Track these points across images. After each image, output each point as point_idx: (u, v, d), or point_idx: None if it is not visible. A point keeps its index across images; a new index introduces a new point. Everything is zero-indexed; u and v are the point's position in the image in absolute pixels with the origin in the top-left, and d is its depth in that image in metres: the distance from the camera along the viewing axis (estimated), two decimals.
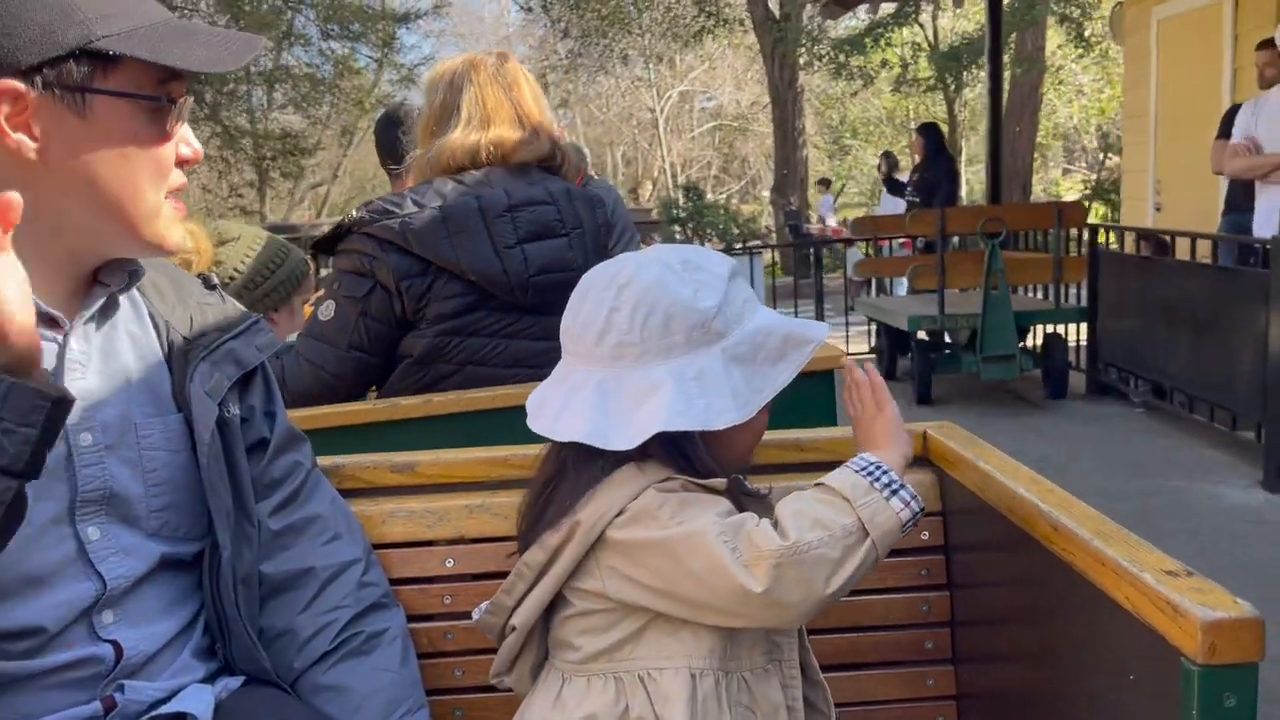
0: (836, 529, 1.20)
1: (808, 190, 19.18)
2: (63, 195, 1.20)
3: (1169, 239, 6.77)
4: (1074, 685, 1.26)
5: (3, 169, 1.16)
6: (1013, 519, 1.34)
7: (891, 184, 12.58)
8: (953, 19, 21.17)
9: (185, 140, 1.28)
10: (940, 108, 21.73)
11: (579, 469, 1.28)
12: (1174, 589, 1.04)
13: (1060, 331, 7.52)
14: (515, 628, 1.31)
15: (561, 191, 2.23)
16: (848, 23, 19.30)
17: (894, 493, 1.23)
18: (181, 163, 1.28)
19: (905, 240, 9.74)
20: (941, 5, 17.84)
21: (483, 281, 2.12)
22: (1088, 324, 7.31)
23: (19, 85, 1.14)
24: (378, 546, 1.53)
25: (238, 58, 1.26)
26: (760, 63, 21.50)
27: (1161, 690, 1.06)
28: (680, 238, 17.52)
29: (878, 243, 9.70)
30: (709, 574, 1.19)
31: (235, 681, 1.35)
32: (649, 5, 20.24)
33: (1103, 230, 7.53)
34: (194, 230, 2.36)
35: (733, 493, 1.30)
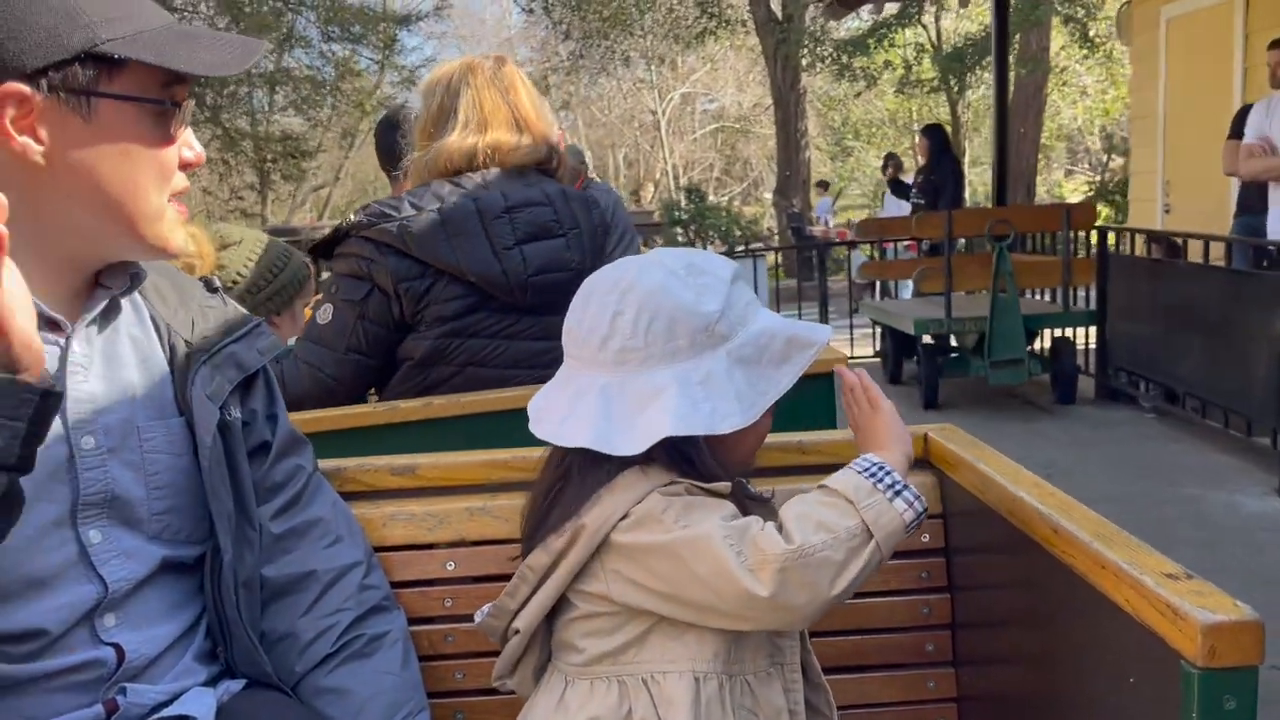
0: (841, 531, 1.20)
1: (810, 192, 19.18)
2: (66, 198, 1.20)
3: (1182, 241, 6.68)
4: (1074, 688, 1.26)
5: (7, 172, 1.17)
6: (1013, 522, 1.35)
7: (896, 186, 12.54)
8: (956, 20, 21.16)
9: (187, 143, 1.29)
10: (943, 109, 21.73)
11: (583, 473, 1.28)
12: (1174, 592, 1.04)
13: (1068, 335, 7.44)
14: (518, 630, 1.31)
15: (557, 193, 2.24)
16: (850, 24, 19.28)
17: (897, 493, 1.23)
18: (184, 166, 1.29)
19: (910, 243, 9.66)
20: (945, 5, 17.84)
21: (482, 283, 2.13)
22: (1097, 328, 7.21)
23: (24, 88, 1.14)
24: (379, 549, 1.53)
25: (241, 61, 1.26)
26: (762, 64, 21.50)
27: (1161, 693, 1.06)
28: (682, 240, 17.50)
29: (882, 245, 9.64)
30: (714, 578, 1.19)
31: (237, 684, 1.35)
32: (651, 7, 20.24)
33: (1112, 232, 7.42)
34: (196, 234, 2.36)
35: (736, 496, 1.30)
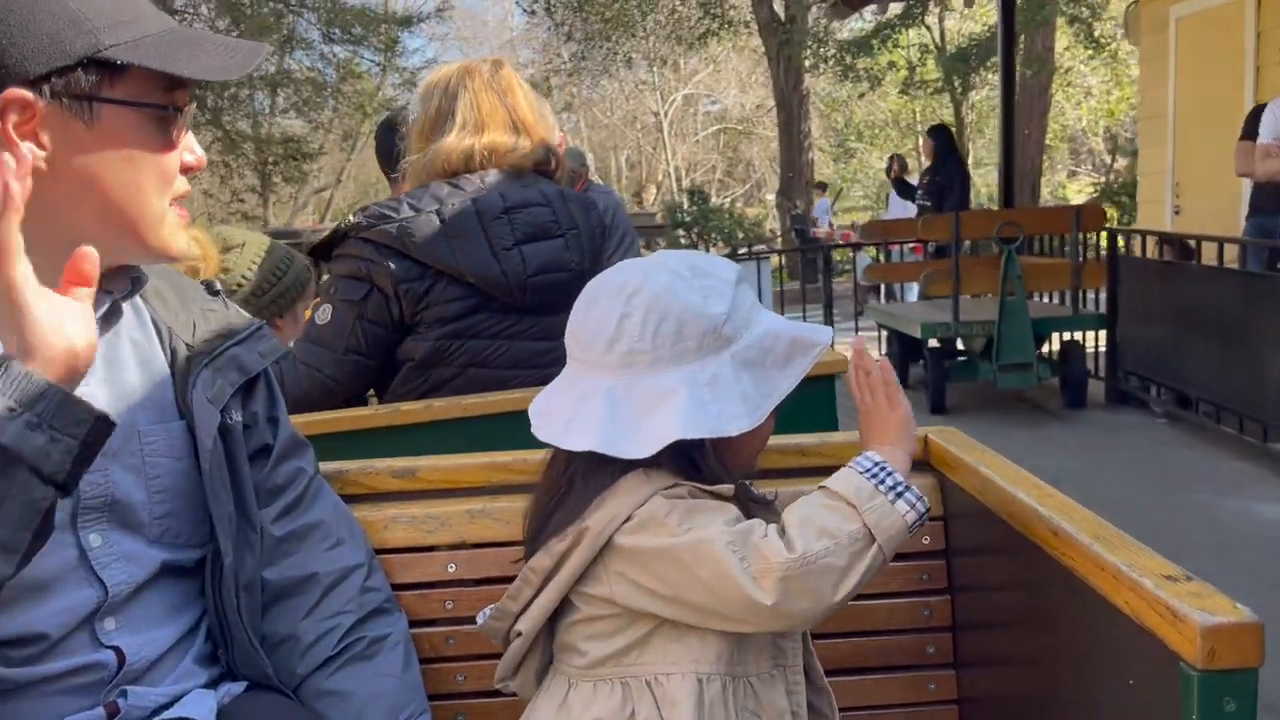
0: (843, 537, 1.20)
1: (813, 193, 19.15)
2: (69, 203, 1.20)
3: (1195, 243, 6.59)
4: (1075, 690, 1.26)
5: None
6: (1013, 524, 1.35)
7: (902, 186, 12.47)
8: (960, 20, 21.13)
9: (189, 148, 1.29)
10: (947, 110, 21.71)
11: (587, 476, 1.28)
12: (1173, 594, 1.04)
13: (1078, 339, 7.35)
14: (521, 633, 1.32)
15: (556, 194, 2.26)
16: (853, 24, 19.27)
17: (900, 495, 1.23)
18: (185, 170, 1.29)
19: (915, 245, 9.57)
20: (949, 5, 17.81)
21: (481, 284, 2.14)
22: (1107, 331, 7.13)
23: (27, 94, 1.14)
24: (380, 552, 1.53)
25: (243, 66, 1.27)
26: (765, 66, 21.49)
27: (1161, 695, 1.06)
28: (685, 242, 17.50)
29: (887, 247, 9.55)
30: (717, 582, 1.19)
31: (238, 687, 1.35)
32: (653, 8, 20.24)
33: (1122, 234, 7.34)
34: (199, 237, 2.36)
35: (739, 499, 1.30)
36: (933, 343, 7.31)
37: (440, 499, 1.60)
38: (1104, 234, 7.37)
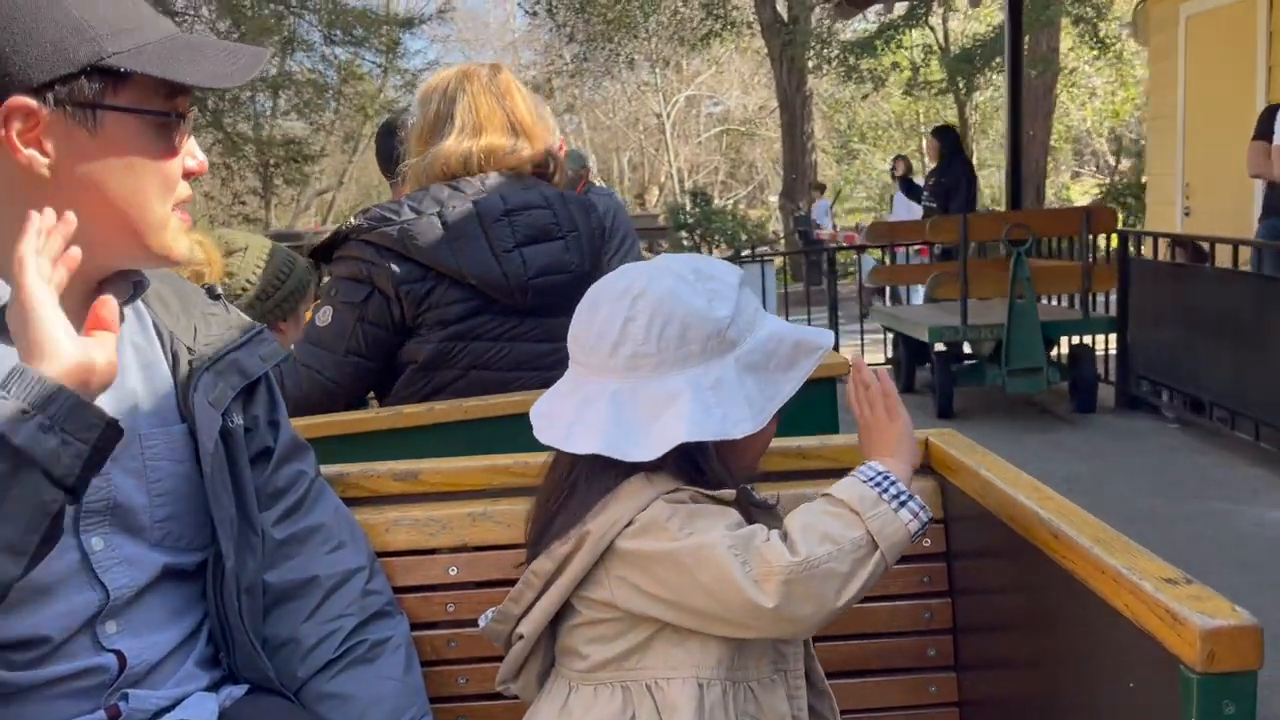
0: (846, 543, 1.20)
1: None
2: (72, 209, 1.21)
3: (1209, 246, 6.45)
4: (1075, 692, 1.26)
5: (13, 184, 1.18)
6: (1013, 526, 1.35)
7: (908, 188, 12.42)
8: (964, 21, 21.12)
9: (190, 153, 1.30)
10: (950, 111, 21.70)
11: (590, 480, 1.28)
12: (1173, 597, 1.05)
13: (1087, 342, 7.20)
14: (522, 636, 1.32)
15: (556, 196, 2.27)
16: (856, 25, 19.27)
17: (903, 504, 1.23)
18: (187, 175, 1.30)
19: (921, 247, 9.49)
20: (953, 6, 17.78)
21: (483, 285, 2.14)
22: (1117, 335, 6.99)
23: (30, 102, 1.15)
24: (381, 555, 1.53)
25: (245, 72, 1.27)
26: (768, 66, 21.50)
27: (1161, 698, 1.06)
28: (688, 244, 17.49)
29: (892, 249, 9.44)
30: (719, 587, 1.19)
31: (239, 690, 1.35)
32: (655, 9, 20.25)
33: (1133, 236, 7.20)
34: (204, 241, 2.37)
35: (741, 503, 1.30)
36: (939, 346, 7.20)
37: (442, 502, 1.61)
38: (1114, 236, 7.23)
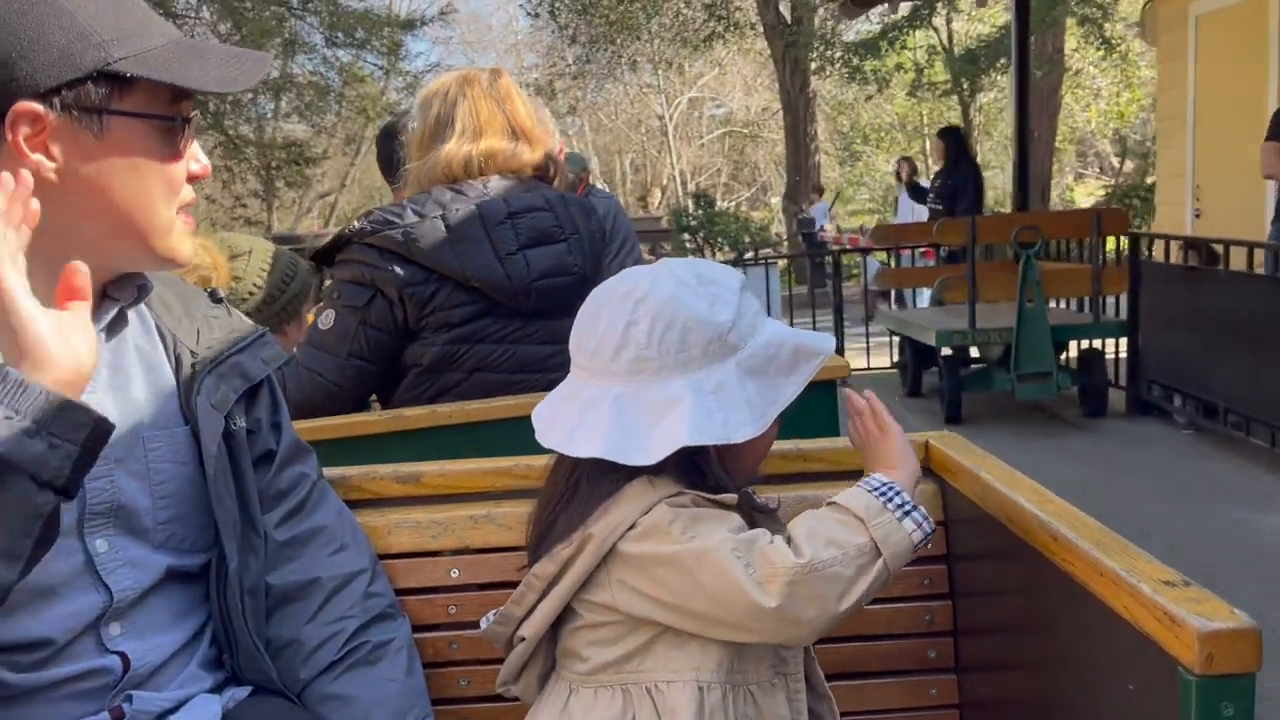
0: (850, 548, 1.21)
1: (828, 194, 19.10)
2: (78, 213, 1.22)
3: (1223, 248, 6.33)
4: (1075, 694, 1.26)
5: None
6: (1013, 529, 1.35)
7: (914, 190, 12.36)
8: (968, 22, 21.10)
9: (194, 156, 1.30)
10: (953, 112, 21.68)
11: (592, 483, 1.29)
12: (1171, 599, 1.05)
13: (1097, 346, 7.08)
14: (524, 638, 1.32)
15: (557, 198, 2.28)
16: (860, 26, 19.26)
17: (907, 514, 1.24)
18: (191, 178, 1.30)
19: (927, 249, 9.41)
20: (957, 6, 17.75)
21: (486, 288, 2.15)
22: (1128, 339, 6.88)
23: (37, 107, 1.16)
24: (383, 557, 1.54)
25: (250, 77, 1.28)
26: (770, 68, 21.50)
27: (1160, 700, 1.06)
28: (691, 246, 17.48)
29: (898, 251, 9.37)
30: (721, 590, 1.20)
31: (242, 692, 1.36)
32: (657, 11, 20.24)
33: (1144, 239, 7.07)
34: (208, 246, 2.38)
35: (743, 507, 1.30)
36: (947, 350, 7.09)
37: (443, 504, 1.61)
38: (1123, 238, 7.12)
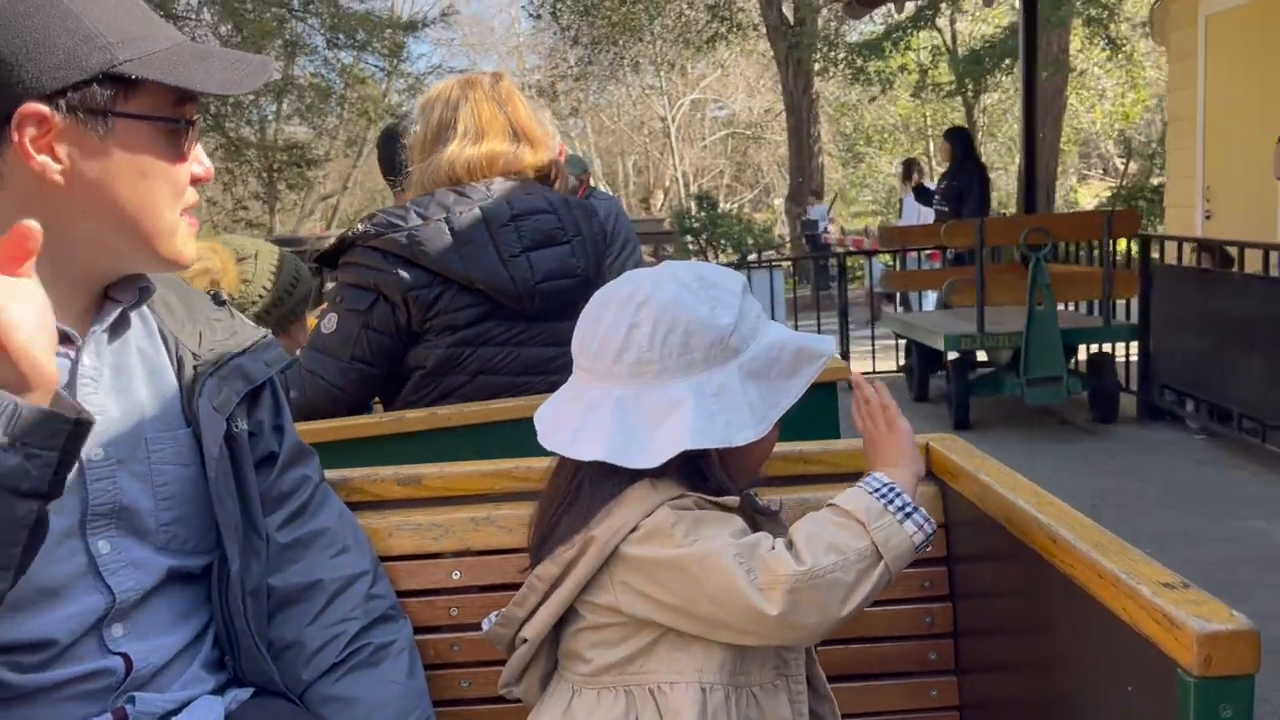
0: (851, 553, 1.21)
1: (824, 198, 19.08)
2: (83, 215, 1.22)
3: (1238, 250, 6.19)
4: (1074, 696, 1.26)
5: (26, 191, 1.19)
6: (1013, 531, 1.35)
7: (921, 192, 12.31)
8: (972, 23, 21.07)
9: (198, 159, 1.31)
10: (957, 114, 21.66)
11: (594, 485, 1.29)
12: (1170, 601, 1.05)
13: (1107, 350, 7.03)
14: (526, 639, 1.32)
15: (560, 200, 2.28)
16: (864, 27, 19.23)
17: (908, 515, 1.25)
18: (194, 181, 1.31)
19: (933, 251, 9.33)
20: (960, 7, 17.69)
21: (490, 291, 2.15)
22: (1139, 343, 6.78)
23: (43, 109, 1.17)
24: (384, 559, 1.54)
25: (253, 79, 1.29)
26: (773, 69, 21.48)
27: (1159, 702, 1.06)
28: (693, 248, 17.47)
29: (903, 253, 9.29)
30: (724, 595, 1.20)
31: (245, 693, 1.37)
32: (660, 12, 20.22)
33: (1155, 241, 6.98)
34: (218, 249, 2.38)
35: (745, 510, 1.31)
36: (954, 354, 6.99)
37: (444, 506, 1.61)
38: (1132, 240, 7.02)
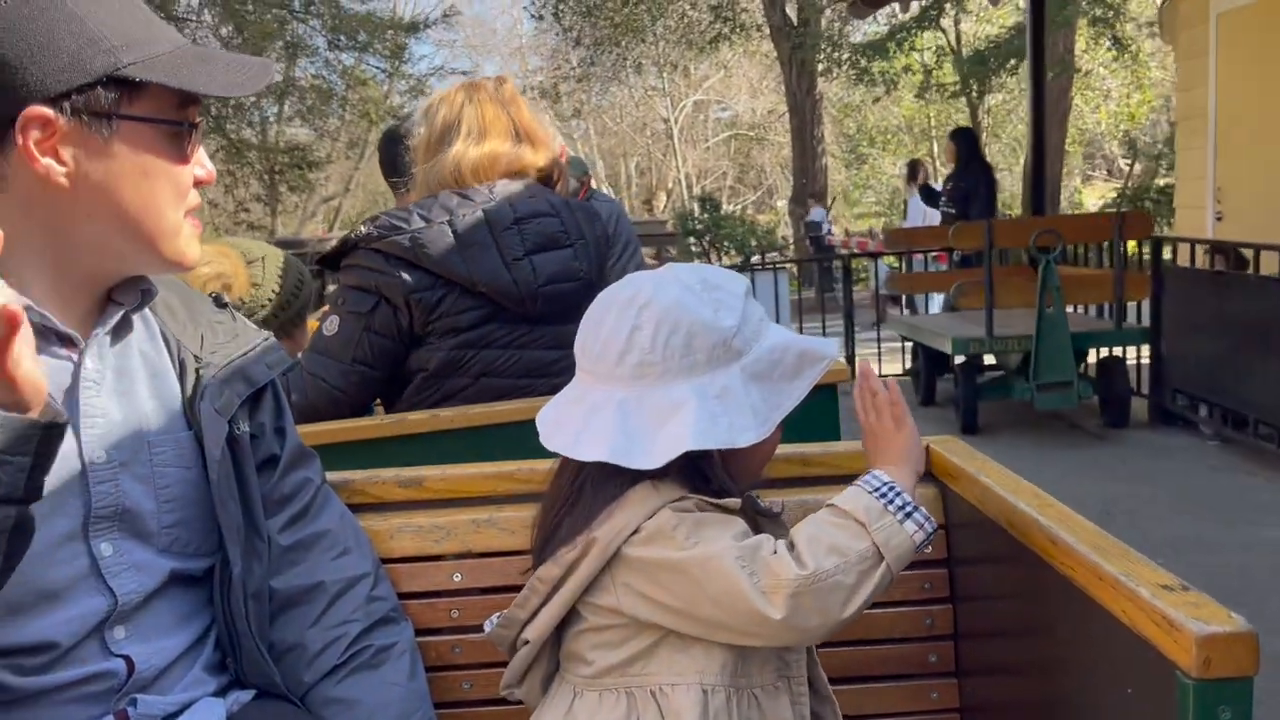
0: (852, 555, 1.21)
1: (827, 199, 19.07)
2: (86, 217, 1.23)
3: (1253, 252, 6.09)
4: (1075, 698, 1.26)
5: (31, 193, 1.20)
6: (1013, 533, 1.35)
7: (927, 193, 12.27)
8: (976, 23, 21.05)
9: (200, 161, 1.32)
10: (961, 114, 21.64)
11: (596, 487, 1.29)
12: (1169, 603, 1.05)
13: (1118, 354, 6.94)
14: (527, 641, 1.33)
15: (562, 203, 2.29)
16: (867, 28, 19.21)
17: (908, 515, 1.25)
18: (196, 183, 1.31)
19: (940, 253, 9.27)
20: (965, 7, 17.66)
21: (493, 293, 2.16)
22: (1151, 346, 6.70)
23: (47, 112, 1.17)
24: (386, 561, 1.54)
25: (256, 82, 1.30)
26: (777, 70, 21.46)
27: (1158, 704, 1.06)
28: (696, 250, 17.46)
29: (909, 255, 9.24)
30: (726, 598, 1.20)
31: (246, 695, 1.37)
32: (662, 13, 20.21)
33: (1167, 243, 6.93)
34: (228, 252, 2.39)
35: (747, 511, 1.31)
36: (961, 358, 6.87)
37: (446, 508, 1.62)
38: (1142, 243, 6.95)
